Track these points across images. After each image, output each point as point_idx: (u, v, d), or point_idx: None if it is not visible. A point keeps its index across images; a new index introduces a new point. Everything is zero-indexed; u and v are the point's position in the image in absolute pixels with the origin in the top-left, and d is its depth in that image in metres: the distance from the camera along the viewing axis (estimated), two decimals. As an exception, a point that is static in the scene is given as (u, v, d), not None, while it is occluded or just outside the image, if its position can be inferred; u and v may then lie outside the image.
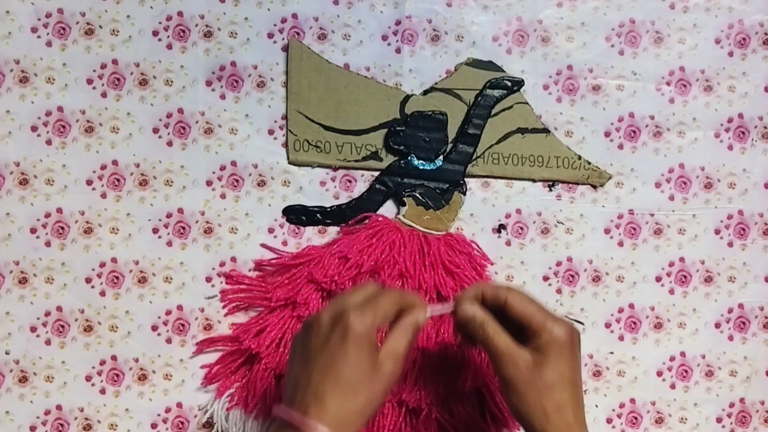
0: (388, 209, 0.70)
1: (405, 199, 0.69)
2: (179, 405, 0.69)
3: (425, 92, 0.70)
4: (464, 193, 0.70)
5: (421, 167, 0.69)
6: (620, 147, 0.71)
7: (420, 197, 0.69)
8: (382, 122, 0.70)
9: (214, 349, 0.69)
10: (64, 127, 0.68)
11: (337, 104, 0.69)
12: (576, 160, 0.71)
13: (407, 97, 0.70)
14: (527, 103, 0.70)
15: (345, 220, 0.69)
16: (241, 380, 0.68)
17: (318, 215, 0.69)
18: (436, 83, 0.70)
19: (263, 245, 0.69)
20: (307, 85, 0.69)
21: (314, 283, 0.67)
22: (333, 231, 0.70)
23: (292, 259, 0.69)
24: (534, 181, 0.71)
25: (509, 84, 0.70)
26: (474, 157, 0.70)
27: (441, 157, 0.70)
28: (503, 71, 0.70)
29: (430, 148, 0.69)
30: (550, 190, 0.71)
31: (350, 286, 0.67)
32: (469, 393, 0.67)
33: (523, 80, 0.70)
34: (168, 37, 0.69)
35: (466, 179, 0.70)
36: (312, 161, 0.70)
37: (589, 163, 0.71)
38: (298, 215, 0.70)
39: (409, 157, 0.69)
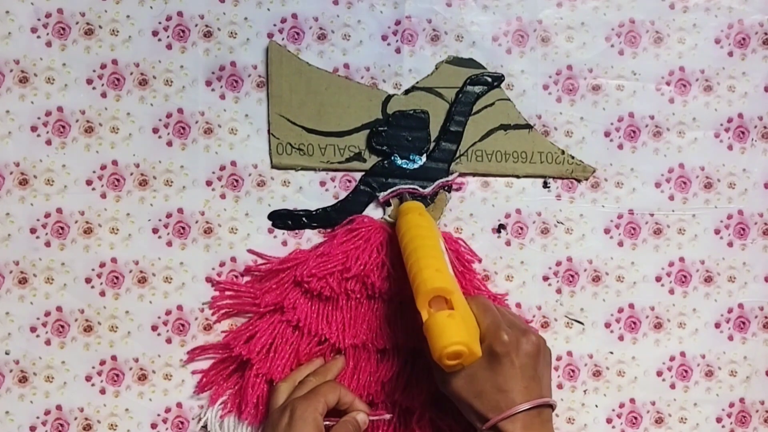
0: (374, 210, 0.70)
1: (391, 199, 0.69)
2: (179, 405, 0.69)
3: (406, 92, 0.70)
4: (449, 191, 0.70)
5: (404, 166, 0.69)
6: (620, 147, 0.71)
7: (405, 196, 0.69)
8: (365, 123, 0.69)
9: (205, 357, 0.69)
10: (63, 127, 0.68)
11: (319, 106, 0.69)
12: (560, 155, 0.71)
13: (389, 97, 0.70)
14: (509, 100, 0.70)
15: (330, 222, 0.69)
16: (233, 387, 0.68)
17: (304, 219, 0.69)
18: (417, 82, 0.70)
19: (250, 251, 0.69)
20: (288, 88, 0.69)
21: (300, 287, 0.67)
22: (333, 231, 0.70)
23: (279, 263, 0.68)
24: (518, 177, 0.71)
25: (489, 80, 0.70)
26: (457, 154, 0.70)
27: (424, 156, 0.70)
28: (484, 68, 0.70)
29: (412, 147, 0.69)
30: (545, 187, 0.71)
31: (336, 288, 0.67)
32: None
33: (503, 75, 0.70)
34: (168, 37, 0.69)
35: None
36: (295, 164, 0.69)
37: (573, 158, 0.71)
38: (284, 220, 0.69)
39: (392, 157, 0.69)
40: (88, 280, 0.68)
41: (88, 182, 0.68)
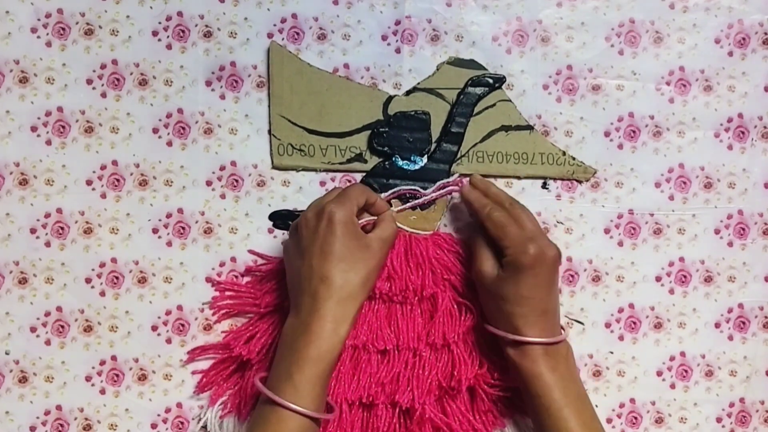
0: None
1: (392, 200, 0.69)
2: (179, 405, 0.69)
3: (408, 92, 0.70)
4: (450, 192, 0.70)
5: (405, 167, 0.69)
6: (620, 147, 0.71)
7: (406, 198, 0.69)
8: (366, 124, 0.69)
9: (205, 357, 0.69)
10: (63, 127, 0.68)
11: (320, 107, 0.69)
12: (560, 156, 0.71)
13: (390, 98, 0.70)
14: (510, 101, 0.70)
15: None
16: (233, 387, 0.68)
17: None
18: (418, 83, 0.70)
19: (250, 251, 0.69)
20: (289, 88, 0.69)
21: None
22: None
23: (279, 264, 0.68)
24: (519, 178, 0.71)
25: (491, 81, 0.70)
26: (458, 156, 0.70)
27: (425, 157, 0.70)
28: (485, 69, 0.70)
29: (413, 148, 0.69)
30: (544, 188, 0.71)
31: None
32: (462, 392, 0.67)
33: (504, 77, 0.70)
34: (168, 37, 0.69)
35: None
36: (296, 165, 0.69)
37: (574, 159, 0.71)
38: (284, 220, 0.69)
39: (393, 158, 0.69)
40: (88, 280, 0.68)
41: (88, 182, 0.68)
